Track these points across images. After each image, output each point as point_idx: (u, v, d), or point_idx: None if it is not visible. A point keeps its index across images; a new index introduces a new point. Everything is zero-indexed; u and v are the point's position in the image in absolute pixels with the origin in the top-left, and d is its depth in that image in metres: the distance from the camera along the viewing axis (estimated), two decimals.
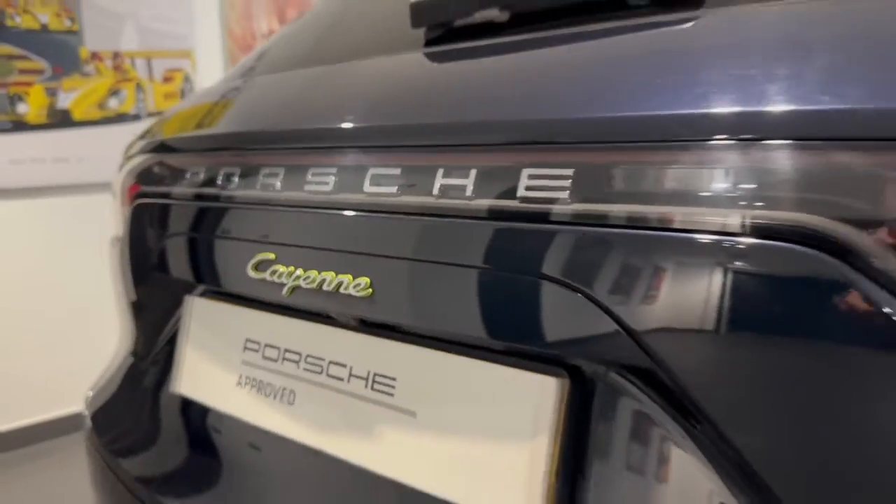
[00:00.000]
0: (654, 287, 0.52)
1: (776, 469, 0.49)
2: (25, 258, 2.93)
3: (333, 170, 0.73)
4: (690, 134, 0.52)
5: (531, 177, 0.58)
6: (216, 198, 0.86)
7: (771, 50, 0.54)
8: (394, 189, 0.66)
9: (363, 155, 0.71)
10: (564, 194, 0.55)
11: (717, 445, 0.52)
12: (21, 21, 2.85)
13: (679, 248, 0.51)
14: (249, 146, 0.88)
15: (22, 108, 2.87)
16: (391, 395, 0.68)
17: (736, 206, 0.48)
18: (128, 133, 3.08)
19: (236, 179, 0.84)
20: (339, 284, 0.69)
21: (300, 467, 0.78)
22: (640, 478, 0.57)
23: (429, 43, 0.81)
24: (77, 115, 3.03)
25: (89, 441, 1.14)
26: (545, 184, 0.57)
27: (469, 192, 0.61)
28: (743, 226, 0.48)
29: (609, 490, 0.58)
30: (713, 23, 0.61)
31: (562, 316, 0.57)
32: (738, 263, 0.48)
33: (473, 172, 0.61)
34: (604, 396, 0.58)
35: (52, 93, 2.94)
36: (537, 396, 0.59)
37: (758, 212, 0.47)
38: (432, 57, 0.79)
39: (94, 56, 3.05)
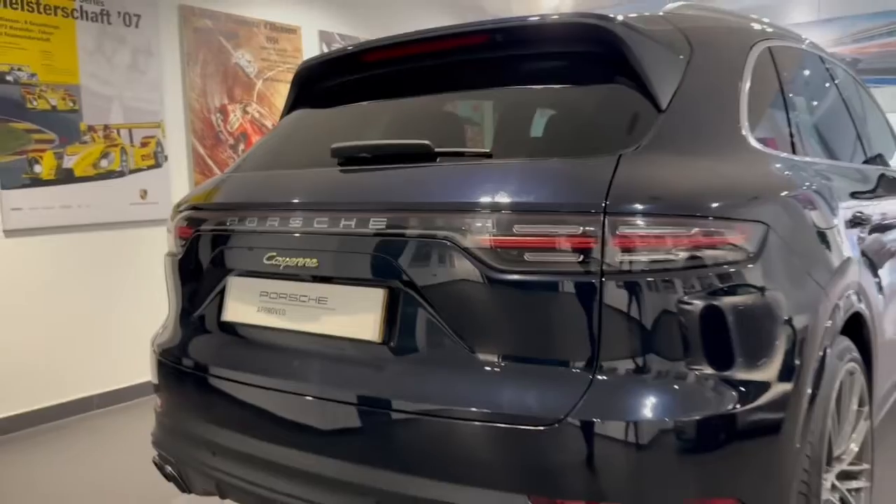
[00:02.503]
0: (411, 257, 1.63)
1: (457, 321, 1.59)
2: (39, 279, 3.84)
3: (299, 218, 1.80)
4: (430, 206, 1.64)
5: (374, 220, 1.67)
6: (241, 230, 1.92)
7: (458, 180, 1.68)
8: (325, 226, 1.75)
9: (311, 212, 1.80)
10: (382, 225, 1.66)
11: (439, 312, 1.61)
12: (37, 104, 3.78)
13: (416, 245, 1.61)
14: (243, 209, 1.94)
15: (38, 169, 3.79)
16: (326, 303, 1.76)
17: (436, 230, 1.60)
18: (115, 185, 4.07)
19: (254, 221, 1.90)
20: (304, 262, 1.77)
21: (288, 341, 1.84)
22: (416, 322, 1.65)
23: (340, 164, 1.91)
24: (78, 172, 3.95)
25: (160, 357, 2.14)
26: (378, 222, 1.66)
27: (353, 226, 1.70)
28: (430, 236, 1.59)
29: (404, 326, 1.66)
30: (437, 170, 1.74)
31: (386, 268, 1.66)
32: (429, 249, 1.59)
33: (354, 219, 1.71)
34: (402, 296, 1.67)
35: (59, 157, 3.87)
36: (378, 297, 1.68)
37: (434, 231, 1.59)
38: (340, 172, 1.89)
39: (90, 128, 4.01)
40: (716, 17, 2.20)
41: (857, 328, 2.07)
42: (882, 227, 2.51)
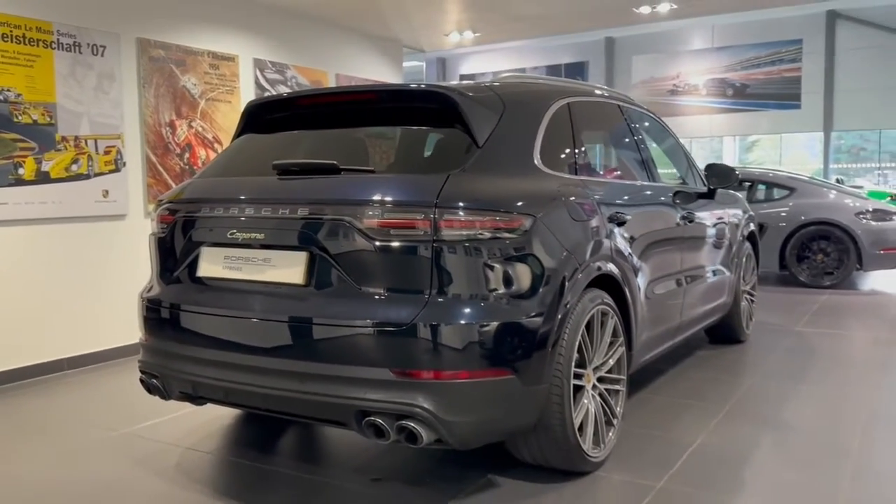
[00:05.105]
0: (323, 232, 2.67)
1: (352, 270, 2.65)
2: (22, 261, 4.67)
3: (251, 208, 2.82)
4: (336, 201, 2.69)
5: (300, 209, 2.71)
6: (210, 216, 2.92)
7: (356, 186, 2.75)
8: (269, 213, 2.78)
9: (255, 205, 2.82)
10: (306, 213, 2.70)
11: (341, 265, 2.66)
12: (22, 119, 4.62)
13: (326, 225, 2.67)
14: (214, 202, 2.94)
15: (21, 171, 4.62)
16: (269, 262, 2.79)
17: (340, 216, 2.65)
18: (82, 186, 4.95)
19: (221, 210, 2.90)
20: (255, 236, 2.79)
21: (244, 287, 2.84)
22: (326, 272, 2.70)
23: (278, 174, 2.93)
24: (53, 175, 4.79)
25: (145, 304, 3.11)
26: (304, 211, 2.71)
27: (287, 213, 2.73)
28: (336, 220, 2.65)
29: (319, 274, 2.70)
30: (341, 179, 2.80)
31: (307, 239, 2.70)
32: (335, 228, 2.64)
33: (288, 209, 2.74)
34: (318, 257, 2.71)
35: (38, 162, 4.71)
36: (302, 257, 2.71)
37: (338, 217, 2.65)
38: (278, 180, 2.91)
39: (64, 139, 4.86)
40: (528, 84, 3.35)
41: (615, 287, 3.24)
42: (644, 223, 3.69)
